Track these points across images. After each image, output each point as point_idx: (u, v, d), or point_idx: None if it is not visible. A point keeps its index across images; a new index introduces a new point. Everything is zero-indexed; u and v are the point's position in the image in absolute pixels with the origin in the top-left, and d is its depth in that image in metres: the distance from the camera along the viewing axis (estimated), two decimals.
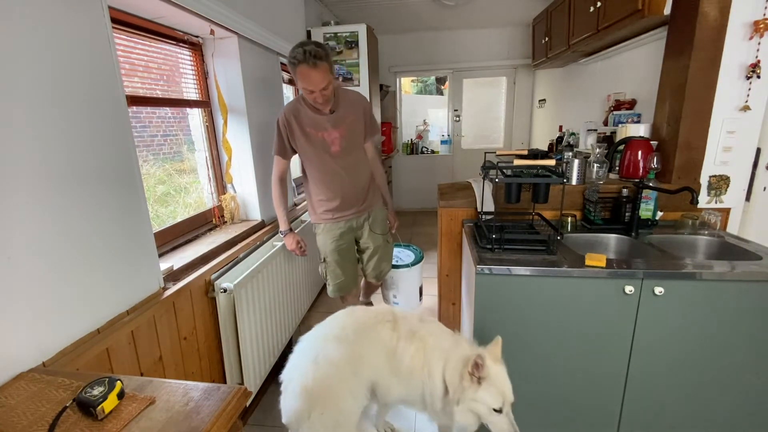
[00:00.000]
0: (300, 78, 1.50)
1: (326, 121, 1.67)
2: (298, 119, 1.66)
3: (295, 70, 1.49)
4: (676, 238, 1.66)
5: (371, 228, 1.89)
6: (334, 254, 1.86)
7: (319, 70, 1.48)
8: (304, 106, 1.66)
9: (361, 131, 1.77)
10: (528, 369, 1.48)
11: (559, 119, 3.84)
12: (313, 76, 1.48)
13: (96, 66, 1.02)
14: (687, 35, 1.65)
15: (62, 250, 0.93)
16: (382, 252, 1.97)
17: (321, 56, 1.47)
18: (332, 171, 1.73)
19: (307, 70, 1.47)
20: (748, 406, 1.40)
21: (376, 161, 1.90)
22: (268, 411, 1.91)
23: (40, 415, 0.71)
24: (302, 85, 1.52)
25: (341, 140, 1.69)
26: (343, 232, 1.84)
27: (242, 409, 0.77)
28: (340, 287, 1.93)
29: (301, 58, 1.45)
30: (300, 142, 1.69)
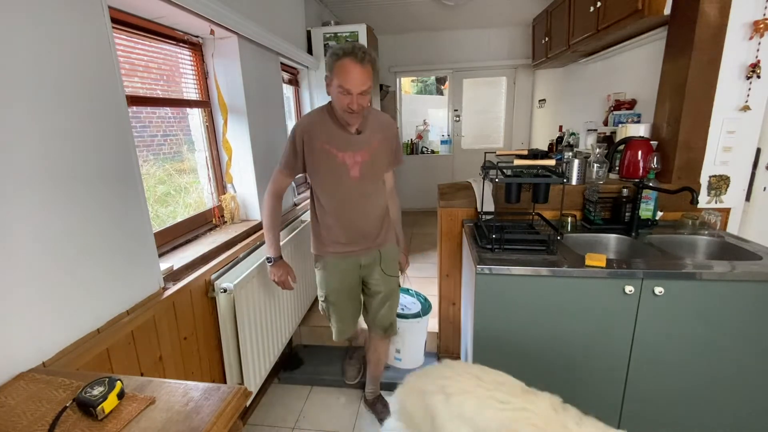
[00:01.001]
0: (340, 73, 1.29)
1: (351, 141, 1.43)
2: (319, 134, 1.42)
3: (336, 64, 1.29)
4: (676, 238, 1.66)
5: (383, 270, 1.60)
6: (340, 294, 1.61)
7: (365, 69, 1.29)
8: (329, 120, 1.43)
9: (385, 158, 1.52)
10: (528, 369, 1.47)
11: (559, 119, 3.84)
12: (357, 74, 1.28)
13: (96, 66, 1.02)
14: (687, 35, 1.65)
15: (62, 250, 0.93)
16: (394, 298, 1.70)
17: (370, 56, 1.31)
18: (347, 198, 1.48)
19: (351, 65, 1.27)
20: (748, 405, 1.41)
21: (393, 193, 1.66)
22: (268, 411, 1.91)
23: (40, 415, 0.71)
24: (340, 82, 1.29)
25: (363, 165, 1.45)
26: (351, 269, 1.58)
27: (242, 409, 0.77)
28: (342, 331, 1.70)
29: (349, 50, 1.27)
30: (315, 160, 1.43)
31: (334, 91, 1.33)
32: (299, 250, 2.12)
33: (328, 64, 1.33)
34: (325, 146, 1.42)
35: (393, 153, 1.56)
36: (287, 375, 2.11)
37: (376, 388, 1.91)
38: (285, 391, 2.04)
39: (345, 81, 1.29)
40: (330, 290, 1.61)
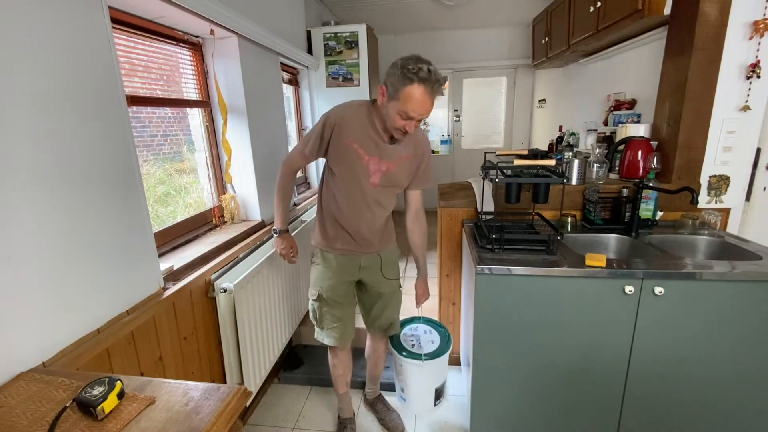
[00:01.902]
0: (408, 99, 1.17)
1: (381, 148, 1.35)
2: (352, 130, 1.33)
3: (406, 88, 1.17)
4: (676, 238, 1.66)
5: (384, 275, 1.56)
6: (333, 292, 1.52)
7: (433, 98, 1.21)
8: (366, 121, 1.34)
9: (408, 174, 1.44)
10: (528, 369, 1.48)
11: (559, 119, 3.84)
12: (427, 104, 1.20)
13: (96, 66, 1.02)
14: (687, 35, 1.65)
15: (62, 250, 0.93)
16: (396, 300, 1.64)
17: (443, 83, 1.21)
18: (360, 200, 1.41)
19: (424, 94, 1.17)
20: (748, 405, 1.41)
21: (419, 215, 1.56)
22: (268, 411, 1.91)
23: (40, 415, 0.70)
24: (406, 108, 1.19)
25: (384, 175, 1.38)
26: (350, 268, 1.52)
27: (242, 409, 0.77)
28: (341, 335, 1.57)
29: (425, 76, 1.15)
30: (340, 155, 1.35)
31: (393, 110, 1.23)
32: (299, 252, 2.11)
33: (396, 83, 1.19)
34: (354, 145, 1.34)
35: (419, 172, 1.47)
36: (287, 375, 2.11)
37: (376, 388, 1.90)
38: (285, 391, 2.04)
39: (412, 109, 1.20)
40: (326, 287, 1.51)
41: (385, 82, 1.25)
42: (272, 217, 2.10)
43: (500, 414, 1.56)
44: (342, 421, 1.78)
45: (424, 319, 1.88)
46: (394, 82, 1.20)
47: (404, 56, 1.22)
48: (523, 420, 1.56)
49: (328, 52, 2.85)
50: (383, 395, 1.91)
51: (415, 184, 1.50)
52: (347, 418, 1.78)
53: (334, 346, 1.59)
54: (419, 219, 1.57)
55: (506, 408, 1.55)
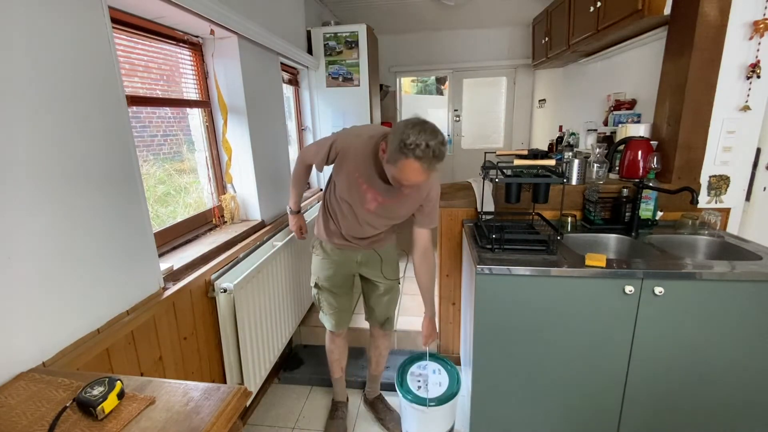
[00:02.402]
0: (402, 170, 1.15)
1: (379, 185, 1.35)
2: (355, 162, 1.34)
3: (400, 161, 1.13)
4: (676, 238, 1.66)
5: (385, 275, 1.61)
6: (329, 282, 1.61)
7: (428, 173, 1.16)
8: (370, 161, 1.33)
9: (408, 209, 1.43)
10: (528, 369, 1.48)
11: (559, 119, 3.84)
12: (421, 177, 1.16)
13: (96, 66, 1.02)
14: (687, 35, 1.65)
15: (62, 250, 0.93)
16: (393, 294, 1.69)
17: (442, 158, 1.14)
18: (352, 218, 1.46)
19: (417, 170, 1.13)
20: (748, 405, 1.41)
21: (428, 253, 1.50)
22: (268, 411, 1.91)
23: (40, 415, 0.70)
24: (400, 177, 1.17)
25: (381, 205, 1.39)
26: (347, 261, 1.58)
27: (242, 409, 0.77)
28: (337, 321, 1.66)
29: (421, 154, 1.09)
30: (341, 177, 1.39)
31: (389, 171, 1.21)
32: (299, 252, 2.12)
33: (393, 151, 1.14)
34: (355, 174, 1.35)
35: (424, 210, 1.44)
36: (287, 375, 2.11)
37: (376, 387, 1.91)
38: (285, 391, 2.04)
39: (406, 180, 1.17)
40: (323, 277, 1.61)
41: (386, 140, 1.21)
42: (272, 218, 2.11)
43: (500, 414, 1.56)
44: (335, 404, 1.86)
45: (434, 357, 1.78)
46: (392, 149, 1.14)
47: (409, 120, 1.16)
48: (523, 420, 1.56)
49: (328, 52, 2.85)
50: (383, 395, 1.91)
51: (420, 221, 1.47)
52: (341, 402, 1.86)
53: (331, 330, 1.70)
54: (427, 258, 1.51)
55: (506, 408, 1.55)
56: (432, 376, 1.70)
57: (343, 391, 1.87)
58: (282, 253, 1.91)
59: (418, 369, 1.75)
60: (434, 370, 1.73)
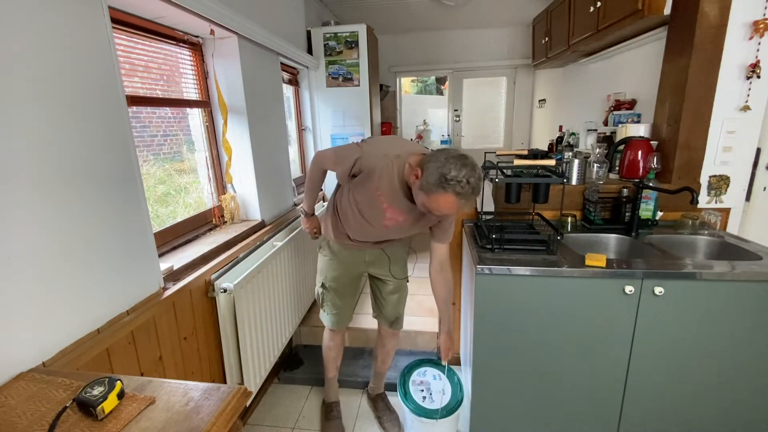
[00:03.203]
0: (437, 202, 1.15)
1: (403, 203, 1.35)
2: (380, 180, 1.31)
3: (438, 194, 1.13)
4: (676, 238, 1.66)
5: (393, 275, 1.62)
6: (337, 282, 1.61)
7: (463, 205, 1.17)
8: (396, 183, 1.31)
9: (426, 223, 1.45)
10: (528, 369, 1.48)
11: (559, 119, 3.84)
12: (454, 211, 1.18)
13: (96, 66, 1.02)
14: (687, 35, 1.65)
15: (62, 249, 0.93)
16: (402, 293, 1.69)
17: (479, 194, 1.17)
18: (366, 230, 1.46)
19: (454, 203, 1.14)
20: (748, 406, 1.41)
21: (446, 266, 1.52)
22: (268, 411, 1.91)
23: (40, 415, 0.70)
24: (432, 207, 1.17)
25: (399, 223, 1.41)
26: (355, 261, 1.59)
27: (242, 409, 0.77)
28: (338, 320, 1.67)
29: (461, 191, 1.11)
30: (361, 193, 1.36)
31: (420, 198, 1.19)
32: (299, 252, 2.12)
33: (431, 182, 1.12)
34: (377, 192, 1.33)
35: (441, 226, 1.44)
36: (287, 375, 2.11)
37: (380, 385, 1.91)
38: (285, 391, 2.05)
39: (437, 210, 1.17)
40: (330, 277, 1.61)
41: (421, 167, 1.17)
42: (272, 218, 2.12)
43: (500, 413, 1.56)
44: (329, 405, 1.85)
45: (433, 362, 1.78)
46: (430, 179, 1.13)
47: (449, 152, 1.15)
48: (523, 420, 1.56)
49: (328, 52, 2.85)
50: (386, 395, 1.91)
51: (438, 236, 1.47)
52: (333, 402, 1.86)
53: (331, 329, 1.71)
54: (444, 272, 1.51)
55: (506, 407, 1.55)
56: (433, 382, 1.70)
57: (335, 391, 1.87)
58: (282, 253, 1.91)
59: (419, 377, 1.75)
60: (434, 376, 1.73)
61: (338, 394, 1.89)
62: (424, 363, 1.80)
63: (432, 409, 1.56)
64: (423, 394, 1.64)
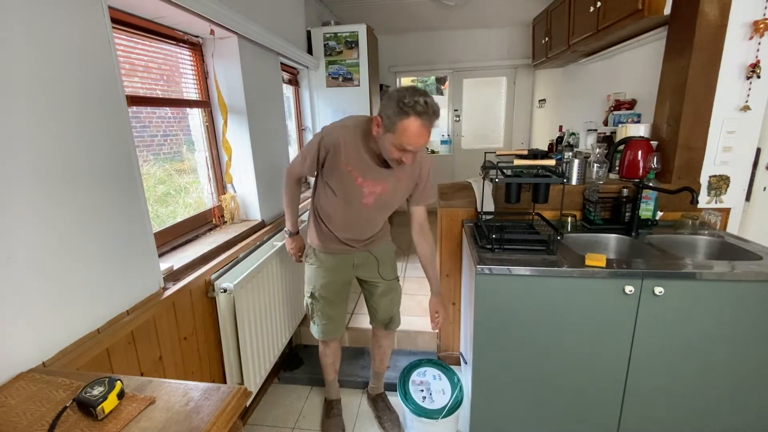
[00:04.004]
0: (404, 132, 1.15)
1: (376, 171, 1.35)
2: (347, 154, 1.33)
3: (402, 122, 1.14)
4: (676, 238, 1.66)
5: (382, 276, 1.60)
6: (326, 290, 1.56)
7: (430, 130, 1.18)
8: (361, 146, 1.33)
9: (404, 193, 1.45)
10: (527, 369, 1.48)
11: (559, 119, 3.84)
12: (424, 136, 1.17)
13: (96, 66, 1.02)
14: (687, 35, 1.65)
15: (62, 250, 0.93)
16: (394, 293, 1.67)
17: (438, 115, 1.18)
18: (351, 218, 1.45)
19: (420, 127, 1.15)
20: (748, 406, 1.41)
21: (424, 229, 1.53)
22: (268, 411, 1.91)
23: (40, 415, 0.70)
24: (402, 141, 1.17)
25: (378, 197, 1.40)
26: (343, 267, 1.56)
27: (242, 409, 0.77)
28: (329, 330, 1.63)
29: (421, 109, 1.12)
30: (334, 176, 1.37)
31: (388, 142, 1.21)
32: None
33: (391, 116, 1.16)
34: (348, 167, 1.34)
35: (419, 189, 1.46)
36: (287, 375, 2.11)
37: (380, 385, 1.91)
38: (285, 391, 2.05)
39: (408, 142, 1.17)
40: (319, 285, 1.56)
41: (380, 114, 1.21)
42: (272, 218, 2.12)
43: (500, 413, 1.56)
44: (330, 402, 1.85)
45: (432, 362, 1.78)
46: (390, 114, 1.16)
47: (399, 88, 1.20)
48: (523, 419, 1.56)
49: (328, 52, 2.85)
50: (386, 395, 1.90)
51: (416, 199, 1.50)
52: (334, 400, 1.85)
53: (322, 339, 1.67)
54: (424, 233, 1.53)
55: (506, 407, 1.55)
56: (433, 382, 1.71)
57: (336, 390, 1.87)
58: (282, 253, 1.91)
59: (419, 377, 1.75)
60: (434, 376, 1.74)
61: (339, 392, 1.89)
62: (424, 363, 1.81)
63: (432, 409, 1.57)
64: (423, 394, 1.65)
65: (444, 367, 1.78)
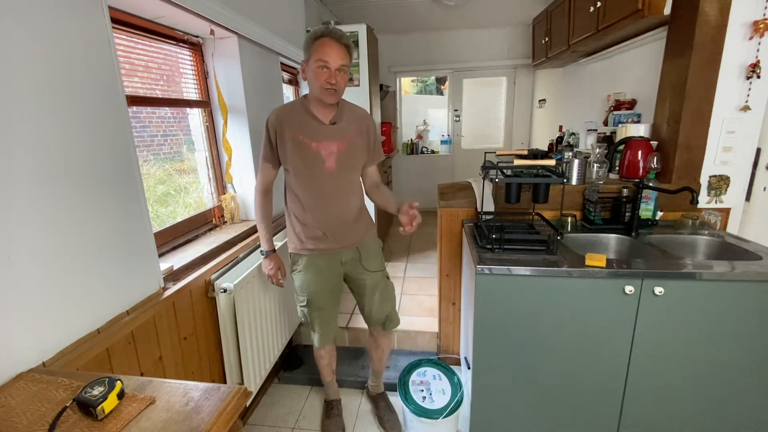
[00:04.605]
0: (319, 49, 1.31)
1: (325, 131, 1.42)
2: (291, 124, 1.40)
3: (315, 43, 1.32)
4: (676, 238, 1.66)
5: (364, 266, 1.57)
6: (322, 295, 1.55)
7: (340, 47, 1.33)
8: (301, 110, 1.43)
9: (361, 150, 1.51)
10: (528, 369, 1.48)
11: (559, 119, 3.84)
12: (335, 49, 1.32)
13: (96, 66, 1.02)
14: (687, 35, 1.65)
15: (62, 250, 0.93)
16: (382, 290, 1.62)
17: (346, 38, 1.35)
18: (322, 191, 1.45)
19: (329, 42, 1.31)
20: (748, 406, 1.40)
21: (380, 186, 1.62)
22: (268, 411, 1.91)
23: (40, 415, 0.71)
24: (319, 56, 1.31)
25: (338, 156, 1.43)
26: (331, 267, 1.54)
27: (242, 409, 0.77)
28: (327, 335, 1.64)
29: (324, 31, 1.32)
30: (288, 151, 1.40)
31: (312, 68, 1.34)
32: None
33: (307, 45, 1.35)
34: (298, 136, 1.40)
35: (370, 146, 1.54)
36: (287, 375, 2.11)
37: (380, 383, 1.90)
38: (285, 391, 2.05)
39: (324, 55, 1.31)
40: (311, 292, 1.54)
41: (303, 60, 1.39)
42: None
43: (500, 413, 1.56)
44: (329, 402, 1.85)
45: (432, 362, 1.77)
46: (307, 44, 1.35)
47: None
48: (523, 419, 1.56)
49: None
50: (387, 395, 1.90)
51: (370, 160, 1.56)
52: (334, 400, 1.85)
53: (321, 346, 1.68)
54: (381, 189, 1.60)
55: (506, 407, 1.55)
56: (433, 382, 1.70)
57: (335, 390, 1.86)
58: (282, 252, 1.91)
59: (419, 377, 1.75)
60: (434, 376, 1.74)
61: (339, 392, 1.89)
62: (424, 363, 1.81)
63: (432, 409, 1.57)
64: (423, 394, 1.65)
65: (444, 367, 1.78)
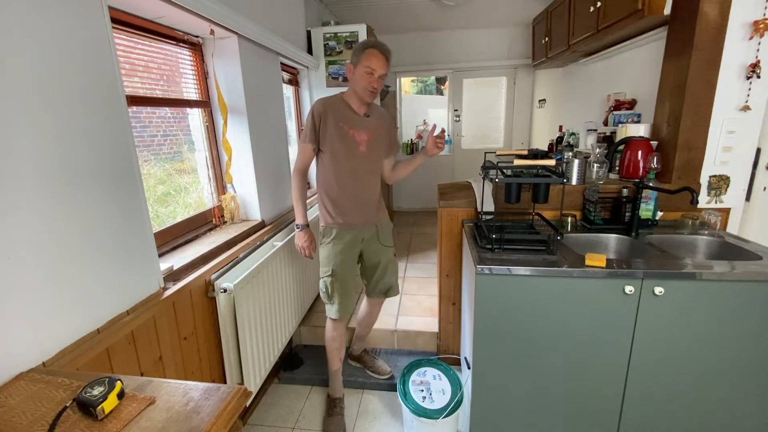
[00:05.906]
0: (367, 58, 1.57)
1: (360, 121, 1.69)
2: (334, 113, 1.67)
3: (364, 53, 1.58)
4: (676, 238, 1.66)
5: (381, 242, 1.81)
6: (343, 267, 1.72)
7: (386, 59, 1.62)
8: (343, 104, 1.69)
9: (383, 142, 1.77)
10: (528, 369, 1.48)
11: (559, 119, 3.84)
12: (382, 61, 1.59)
13: (96, 66, 1.02)
14: (687, 35, 1.65)
15: (62, 250, 0.93)
16: (392, 264, 1.87)
17: (389, 51, 1.63)
18: (355, 169, 1.69)
19: (378, 54, 1.58)
20: (748, 406, 1.41)
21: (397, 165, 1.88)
22: (268, 411, 1.91)
23: (40, 415, 0.71)
24: (368, 64, 1.57)
25: (368, 143, 1.70)
26: (354, 242, 1.73)
27: (242, 409, 0.77)
28: (346, 308, 1.76)
29: (374, 43, 1.60)
30: (330, 134, 1.65)
31: (360, 72, 1.59)
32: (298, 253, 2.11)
33: (357, 52, 1.61)
34: (339, 123, 1.65)
35: (389, 140, 1.80)
36: (287, 375, 2.11)
37: (363, 344, 2.10)
38: (285, 391, 2.05)
39: (371, 63, 1.57)
40: (337, 262, 1.71)
41: (350, 62, 1.65)
42: (272, 218, 2.12)
43: (500, 413, 1.56)
44: (333, 400, 1.88)
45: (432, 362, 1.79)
46: (356, 53, 1.62)
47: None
48: (523, 419, 1.56)
49: (328, 52, 2.85)
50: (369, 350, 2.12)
51: (389, 151, 1.82)
52: (338, 398, 1.88)
53: (339, 318, 1.77)
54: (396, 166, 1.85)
55: (506, 408, 1.55)
56: (433, 382, 1.71)
57: (340, 386, 1.90)
58: (282, 253, 1.91)
59: (419, 377, 1.75)
60: (434, 376, 1.74)
61: (343, 389, 1.91)
62: (424, 363, 1.81)
63: (432, 409, 1.57)
64: (423, 394, 1.65)
65: (444, 367, 1.79)
